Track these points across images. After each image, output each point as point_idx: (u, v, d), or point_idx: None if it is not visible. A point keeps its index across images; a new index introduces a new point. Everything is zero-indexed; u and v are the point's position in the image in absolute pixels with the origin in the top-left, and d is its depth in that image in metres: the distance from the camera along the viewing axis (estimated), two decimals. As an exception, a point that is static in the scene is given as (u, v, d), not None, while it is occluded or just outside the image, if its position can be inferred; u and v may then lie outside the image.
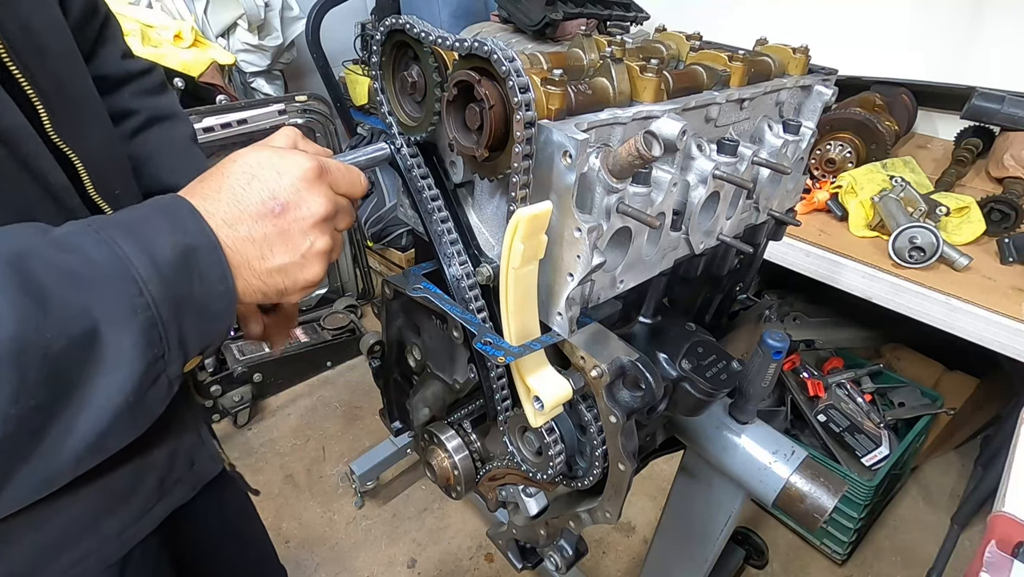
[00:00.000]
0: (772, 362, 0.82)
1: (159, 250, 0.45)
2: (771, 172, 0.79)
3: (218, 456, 0.85)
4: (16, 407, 0.39)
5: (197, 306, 0.48)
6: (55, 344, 0.40)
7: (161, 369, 0.47)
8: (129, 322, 0.43)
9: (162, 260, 0.45)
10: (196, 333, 0.48)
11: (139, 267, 0.44)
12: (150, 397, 0.47)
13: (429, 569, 1.99)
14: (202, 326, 0.49)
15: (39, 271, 0.40)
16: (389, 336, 0.98)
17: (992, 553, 0.79)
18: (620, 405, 0.67)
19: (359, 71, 3.22)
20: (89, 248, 0.43)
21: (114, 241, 0.44)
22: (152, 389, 0.47)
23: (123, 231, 0.45)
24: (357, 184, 0.60)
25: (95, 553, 0.68)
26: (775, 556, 1.96)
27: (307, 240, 0.53)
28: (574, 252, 0.60)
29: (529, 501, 0.93)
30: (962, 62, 1.95)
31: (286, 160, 0.53)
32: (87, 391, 0.43)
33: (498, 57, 0.55)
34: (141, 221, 0.47)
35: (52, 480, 0.46)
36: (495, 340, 0.67)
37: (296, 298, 0.57)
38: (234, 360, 2.50)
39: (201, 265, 0.47)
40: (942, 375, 2.15)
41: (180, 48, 2.39)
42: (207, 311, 0.49)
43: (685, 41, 0.83)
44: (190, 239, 0.47)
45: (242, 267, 0.51)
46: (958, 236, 1.51)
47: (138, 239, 0.45)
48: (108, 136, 0.72)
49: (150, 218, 0.47)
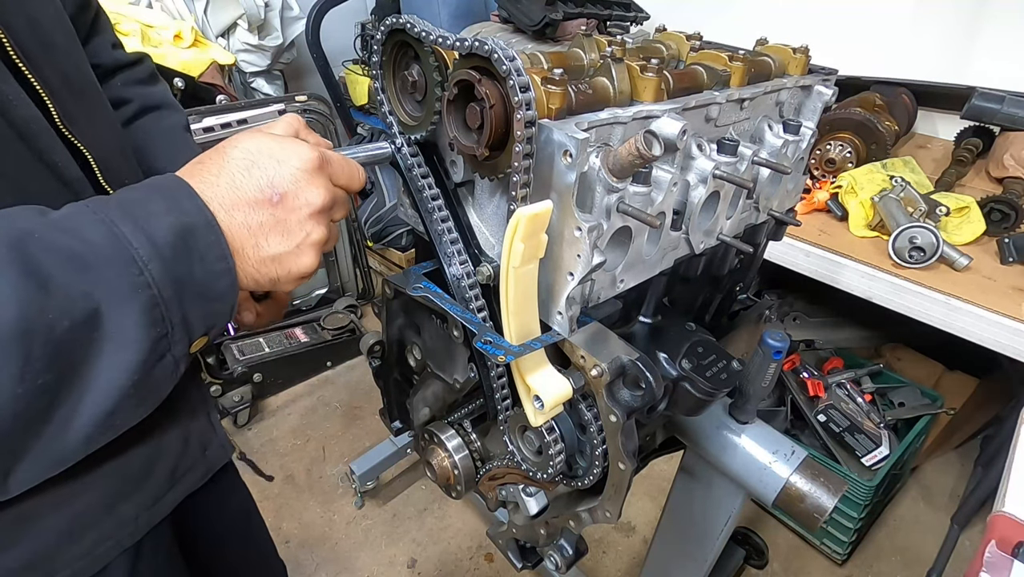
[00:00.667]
0: (772, 362, 0.83)
1: (158, 230, 0.45)
2: (771, 172, 0.79)
3: (228, 444, 0.86)
4: (23, 386, 0.40)
5: (199, 286, 0.48)
6: (58, 325, 0.40)
7: (165, 348, 0.47)
8: (131, 302, 0.43)
9: (161, 240, 0.45)
10: (199, 312, 0.49)
11: (138, 247, 0.44)
12: (156, 376, 0.47)
13: (429, 569, 1.99)
14: (205, 305, 0.49)
15: (39, 253, 0.41)
16: (389, 336, 0.98)
17: (992, 553, 0.79)
18: (620, 404, 0.67)
19: (359, 71, 3.22)
20: (87, 229, 0.44)
21: (112, 222, 0.44)
22: (158, 368, 0.47)
23: (121, 211, 0.45)
24: (355, 177, 0.59)
25: (112, 536, 0.68)
26: (775, 556, 1.96)
27: (303, 230, 0.53)
28: (574, 251, 0.60)
29: (529, 501, 0.93)
30: (962, 62, 1.95)
31: (286, 149, 0.53)
32: (92, 370, 0.43)
33: (498, 56, 0.55)
34: (139, 202, 0.47)
35: (64, 458, 0.47)
36: (495, 339, 0.67)
37: (289, 287, 0.56)
38: (234, 360, 2.50)
39: (200, 245, 0.47)
40: (942, 375, 2.15)
41: (180, 48, 2.39)
42: (210, 290, 0.49)
43: (685, 41, 0.83)
44: (188, 219, 0.47)
45: (237, 254, 0.50)
46: (958, 236, 1.51)
47: (136, 219, 0.45)
48: (112, 127, 0.72)
49: (148, 198, 0.47)
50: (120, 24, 2.28)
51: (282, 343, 2.68)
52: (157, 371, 0.47)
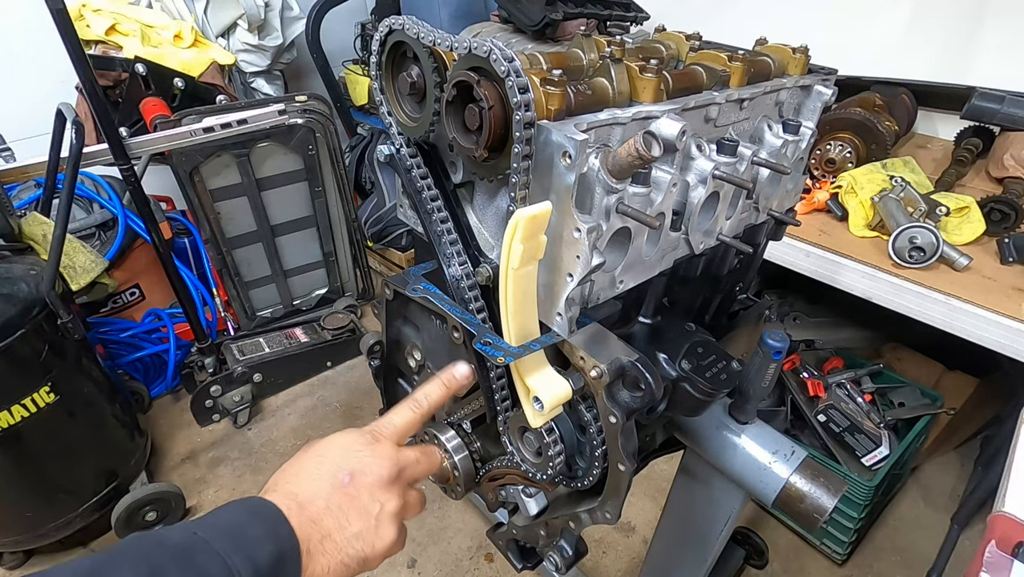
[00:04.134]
0: (772, 362, 0.82)
1: (261, 557, 0.50)
2: (771, 172, 0.79)
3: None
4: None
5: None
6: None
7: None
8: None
9: (263, 566, 0.50)
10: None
11: None
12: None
13: (429, 569, 1.99)
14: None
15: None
16: (389, 336, 0.98)
17: (992, 553, 0.79)
18: (620, 405, 0.67)
19: (359, 71, 3.22)
20: (206, 563, 0.48)
21: (227, 554, 0.49)
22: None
23: (232, 542, 0.50)
24: (434, 466, 0.69)
25: None
26: (775, 556, 1.96)
27: (376, 503, 0.59)
28: (574, 252, 0.60)
29: (529, 501, 0.93)
30: (962, 62, 1.95)
31: (346, 436, 0.62)
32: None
33: (497, 57, 0.55)
34: (242, 529, 0.52)
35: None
36: (495, 340, 0.67)
37: (375, 564, 0.59)
38: (234, 360, 2.50)
39: (286, 567, 0.52)
40: (942, 375, 2.15)
41: (180, 48, 2.39)
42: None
43: (685, 41, 0.83)
44: (283, 545, 0.52)
45: (325, 541, 0.55)
46: (958, 236, 1.51)
47: (245, 549, 0.50)
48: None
49: (249, 525, 0.52)
50: (120, 24, 2.28)
51: (282, 343, 2.68)
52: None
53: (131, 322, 2.55)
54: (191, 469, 2.34)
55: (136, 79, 2.19)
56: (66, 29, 1.63)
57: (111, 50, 2.24)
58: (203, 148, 2.25)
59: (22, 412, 1.63)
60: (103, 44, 2.25)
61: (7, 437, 1.63)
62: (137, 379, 2.52)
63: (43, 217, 1.90)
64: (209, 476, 2.32)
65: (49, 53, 2.08)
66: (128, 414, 2.08)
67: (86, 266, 2.09)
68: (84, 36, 2.17)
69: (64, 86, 2.19)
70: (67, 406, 1.75)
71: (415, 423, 0.67)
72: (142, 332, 2.52)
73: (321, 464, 0.59)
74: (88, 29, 2.22)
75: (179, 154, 2.23)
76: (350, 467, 0.59)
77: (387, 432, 0.64)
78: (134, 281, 2.54)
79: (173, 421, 2.53)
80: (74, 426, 1.80)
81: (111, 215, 2.36)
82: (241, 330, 2.76)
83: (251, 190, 2.49)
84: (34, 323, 1.63)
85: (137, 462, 2.06)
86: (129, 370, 2.49)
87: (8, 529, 1.82)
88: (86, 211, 2.35)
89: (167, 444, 2.43)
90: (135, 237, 2.42)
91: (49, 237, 1.77)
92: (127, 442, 2.04)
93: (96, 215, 2.34)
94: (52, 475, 1.80)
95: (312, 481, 0.57)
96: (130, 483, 2.01)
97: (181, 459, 2.38)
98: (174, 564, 0.48)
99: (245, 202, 2.51)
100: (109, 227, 2.37)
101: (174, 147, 2.09)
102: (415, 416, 0.67)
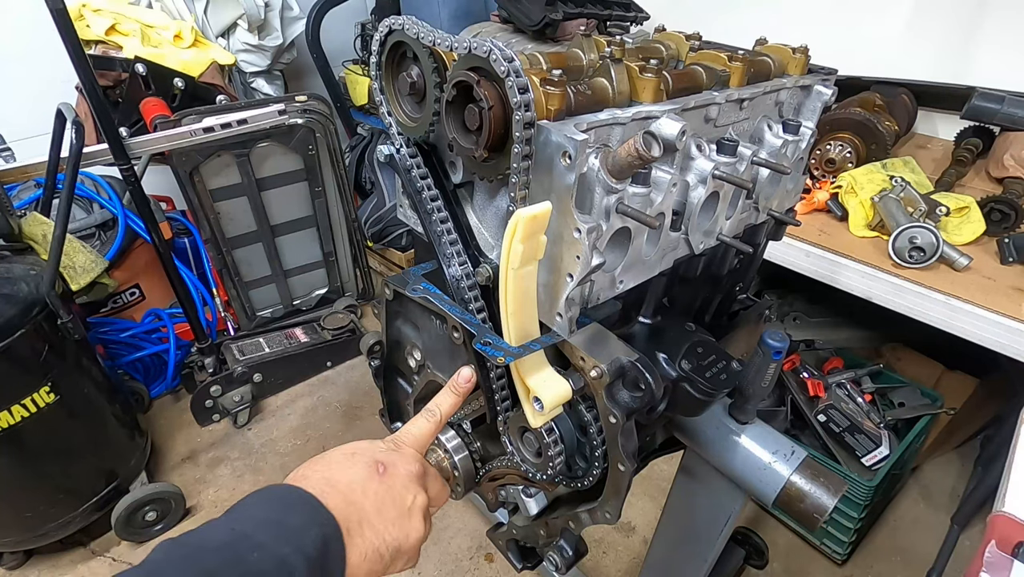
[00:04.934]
0: (772, 362, 0.82)
1: (308, 544, 0.51)
2: (771, 172, 0.79)
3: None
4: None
5: None
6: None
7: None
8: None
9: (312, 553, 0.50)
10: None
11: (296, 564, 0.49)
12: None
13: (429, 569, 1.99)
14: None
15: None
16: (389, 336, 0.98)
17: (992, 553, 0.79)
18: (620, 405, 0.67)
19: (359, 71, 3.22)
20: (258, 560, 0.48)
21: (275, 546, 0.49)
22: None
23: (276, 534, 0.50)
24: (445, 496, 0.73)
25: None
26: (775, 556, 1.96)
27: (410, 494, 0.61)
28: (573, 252, 0.60)
29: (529, 501, 0.93)
30: (962, 62, 1.95)
31: (370, 441, 0.64)
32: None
33: (497, 57, 0.55)
34: (281, 519, 0.52)
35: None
36: (495, 340, 0.67)
37: (406, 560, 0.61)
38: (234, 360, 2.50)
39: (331, 549, 0.53)
40: (942, 375, 2.15)
41: (180, 48, 2.39)
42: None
43: (685, 41, 0.83)
44: (326, 529, 0.53)
45: (363, 524, 0.56)
46: (958, 236, 1.51)
47: (291, 539, 0.50)
48: None
49: (287, 514, 0.53)
50: (120, 24, 2.28)
51: (282, 343, 2.68)
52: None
53: (131, 322, 2.55)
54: (191, 469, 2.34)
55: (136, 79, 2.19)
56: (66, 29, 1.63)
57: (111, 50, 2.24)
58: (203, 148, 2.25)
59: (22, 412, 1.63)
60: (103, 44, 2.25)
61: (7, 437, 1.63)
62: (137, 379, 2.52)
63: (43, 217, 1.90)
64: (209, 476, 2.32)
65: (49, 53, 2.08)
66: (128, 414, 2.08)
67: (86, 266, 2.09)
68: (84, 36, 2.17)
69: (64, 86, 2.19)
70: (67, 406, 1.75)
71: (431, 432, 0.70)
72: (142, 332, 2.52)
73: (354, 457, 0.60)
74: (88, 29, 2.22)
75: (179, 154, 2.23)
76: (384, 459, 0.61)
77: (408, 441, 0.67)
78: (134, 281, 2.54)
79: (173, 421, 2.53)
80: (74, 426, 1.81)
81: (111, 215, 2.36)
82: (241, 330, 2.76)
83: (251, 190, 2.49)
84: (34, 323, 1.63)
85: (137, 462, 2.06)
86: (129, 370, 2.49)
87: (8, 529, 1.82)
88: (86, 211, 2.35)
89: (167, 444, 2.43)
90: (135, 237, 2.42)
91: (49, 237, 1.77)
92: (127, 442, 2.04)
93: (96, 215, 2.34)
94: (52, 475, 1.80)
95: (347, 469, 0.59)
96: (130, 483, 2.01)
97: (181, 459, 2.38)
98: (224, 566, 0.47)
99: (245, 202, 2.51)
100: (109, 227, 2.37)
101: (174, 147, 2.09)
102: (431, 425, 0.70)
